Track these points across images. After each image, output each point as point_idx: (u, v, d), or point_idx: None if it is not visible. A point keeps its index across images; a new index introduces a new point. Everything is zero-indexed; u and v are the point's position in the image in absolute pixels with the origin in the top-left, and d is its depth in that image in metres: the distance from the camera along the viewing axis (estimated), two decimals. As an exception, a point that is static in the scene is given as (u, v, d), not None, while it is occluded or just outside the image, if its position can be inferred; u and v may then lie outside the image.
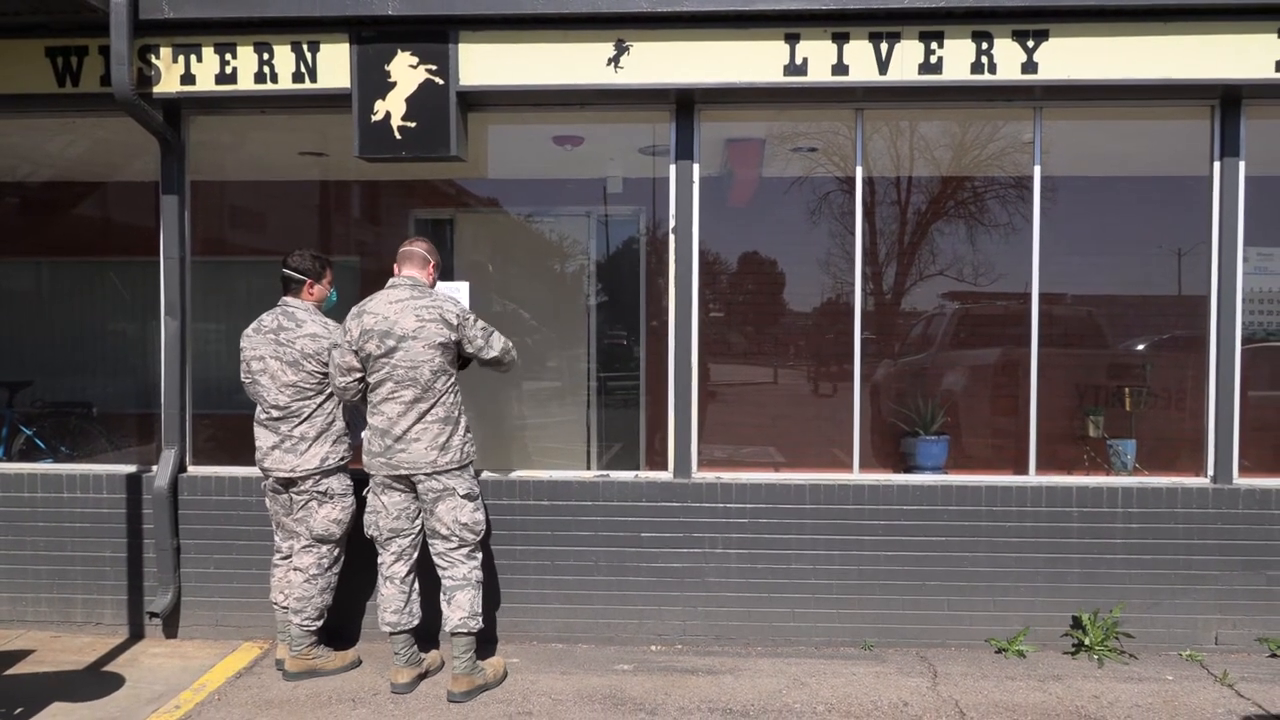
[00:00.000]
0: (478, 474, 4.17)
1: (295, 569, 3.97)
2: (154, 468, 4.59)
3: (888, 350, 5.36)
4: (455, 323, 3.75)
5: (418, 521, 3.86)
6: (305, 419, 3.88)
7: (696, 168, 4.41)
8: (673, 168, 4.42)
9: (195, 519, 4.53)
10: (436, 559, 3.84)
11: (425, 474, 3.71)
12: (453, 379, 3.79)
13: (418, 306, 3.74)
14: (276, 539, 4.10)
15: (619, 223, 5.66)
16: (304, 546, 3.97)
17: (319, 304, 4.02)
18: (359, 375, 3.77)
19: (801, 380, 5.33)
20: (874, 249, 5.30)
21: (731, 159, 5.14)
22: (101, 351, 5.92)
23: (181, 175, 4.55)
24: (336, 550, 4.01)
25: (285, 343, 3.87)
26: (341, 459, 3.96)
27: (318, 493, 3.93)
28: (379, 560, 3.91)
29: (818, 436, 5.01)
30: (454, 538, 3.80)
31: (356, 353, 3.75)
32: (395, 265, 3.90)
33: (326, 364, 3.86)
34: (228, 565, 4.51)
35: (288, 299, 3.97)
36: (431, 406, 3.70)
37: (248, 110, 4.54)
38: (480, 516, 3.84)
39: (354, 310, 3.81)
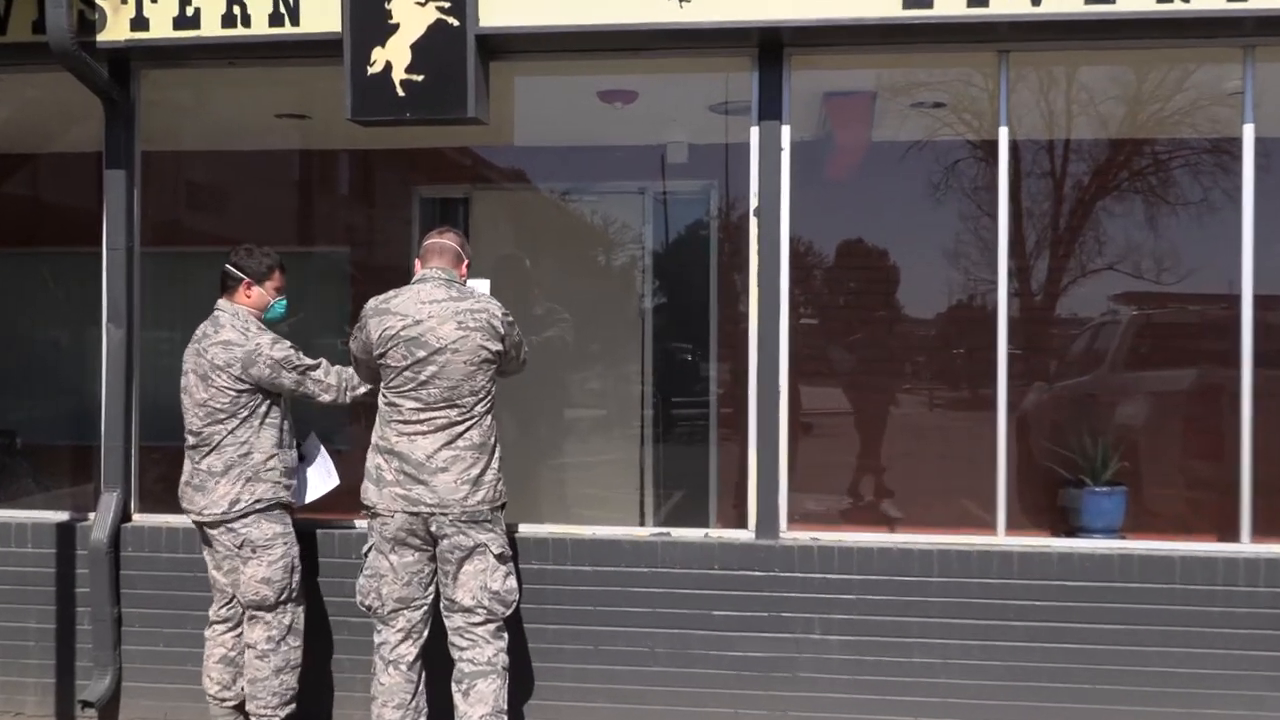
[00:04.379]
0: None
1: (247, 644, 4.05)
2: (91, 515, 4.63)
3: (1040, 370, 5.24)
4: (503, 331, 3.77)
5: (432, 588, 3.85)
6: (213, 449, 3.96)
7: (786, 130, 4.35)
8: (755, 130, 4.37)
9: (141, 582, 4.55)
10: (454, 636, 3.81)
11: (453, 519, 3.69)
12: (492, 400, 3.81)
13: (459, 310, 3.73)
14: (214, 604, 4.16)
15: (683, 202, 5.63)
16: (248, 616, 4.05)
17: (258, 312, 4.11)
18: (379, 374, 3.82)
19: (923, 409, 5.26)
20: (1019, 235, 5.22)
21: (832, 118, 5.09)
22: (27, 366, 6.02)
23: (130, 145, 4.59)
24: (286, 617, 4.05)
25: (200, 353, 4.00)
26: (259, 501, 3.99)
27: (235, 547, 3.99)
28: (378, 639, 3.88)
29: (947, 484, 4.92)
30: (480, 610, 3.77)
31: (376, 356, 3.78)
32: (417, 262, 3.92)
33: (240, 378, 3.95)
34: (180, 642, 4.52)
35: (221, 301, 4.11)
36: (466, 430, 3.72)
37: (213, 62, 4.59)
38: (513, 584, 3.83)
39: (372, 305, 3.82)
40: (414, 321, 3.71)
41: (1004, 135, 4.43)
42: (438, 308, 3.72)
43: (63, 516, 4.70)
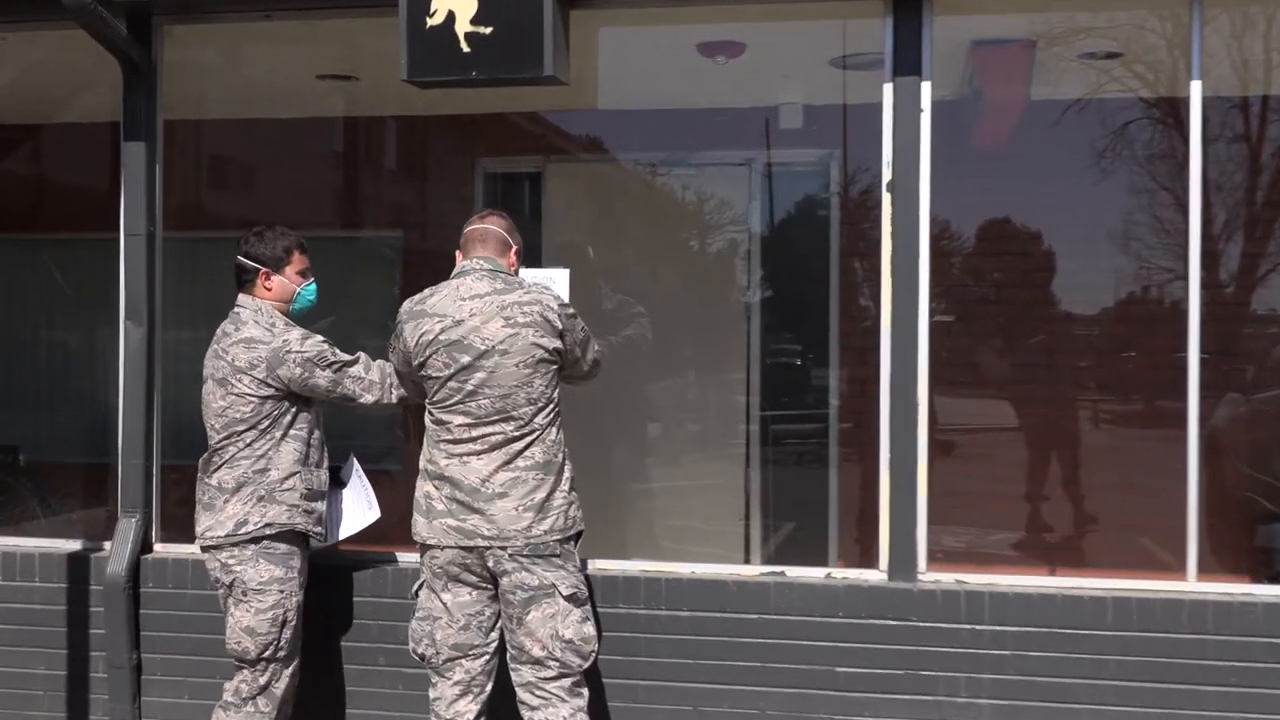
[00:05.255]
0: (582, 562, 4.14)
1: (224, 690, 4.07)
2: (106, 545, 4.69)
3: (1234, 378, 5.15)
4: (561, 325, 3.74)
5: (495, 634, 3.84)
6: (227, 461, 3.98)
7: (926, 87, 4.28)
8: (888, 88, 4.31)
9: (163, 622, 4.59)
10: (523, 692, 3.79)
11: (514, 554, 3.68)
12: (556, 409, 3.79)
13: (506, 304, 3.72)
14: None
15: (797, 175, 5.61)
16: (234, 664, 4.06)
17: (283, 304, 4.14)
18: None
19: (1089, 425, 5.20)
20: (1208, 213, 5.12)
21: (980, 73, 5.05)
22: (31, 372, 6.15)
23: (151, 113, 4.65)
24: (264, 676, 4.02)
25: (220, 354, 4.02)
26: (269, 526, 3.97)
27: (226, 585, 4.00)
28: (433, 694, 3.88)
29: (1121, 517, 4.86)
30: (552, 662, 3.74)
31: (416, 368, 3.80)
32: (458, 253, 3.93)
33: (266, 381, 3.96)
34: (207, 693, 4.48)
35: (240, 297, 4.13)
36: (527, 446, 3.71)
37: (246, 15, 4.64)
38: (591, 630, 3.80)
39: (407, 308, 3.84)
40: (454, 322, 3.69)
41: (1196, 91, 4.31)
42: (480, 303, 3.70)
43: (74, 546, 4.77)
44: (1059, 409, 5.25)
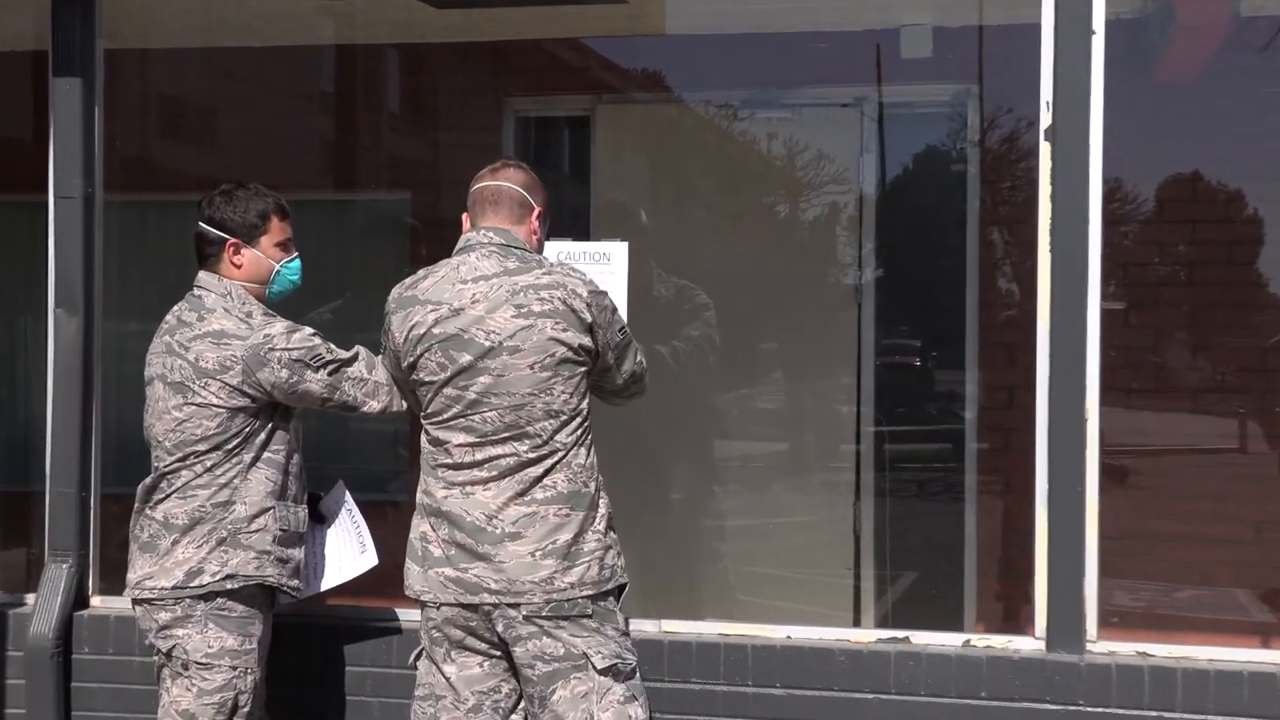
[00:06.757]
0: (627, 624, 4.11)
1: None
2: (29, 598, 4.74)
3: None
4: (591, 317, 3.73)
5: (516, 716, 3.85)
6: (179, 490, 3.97)
7: (1100, 4, 4.26)
8: (1048, 4, 4.29)
9: (102, 698, 4.62)
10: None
11: (531, 614, 3.68)
12: (585, 424, 3.80)
13: (519, 287, 3.73)
14: None
15: (921, 119, 5.62)
16: None
17: (258, 285, 4.14)
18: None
19: None
20: None
21: None
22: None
23: (89, 41, 4.67)
24: None
25: (175, 349, 4.00)
26: (231, 579, 3.95)
27: (163, 653, 3.98)
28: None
29: None
30: (589, 759, 3.78)
31: (407, 371, 3.82)
32: (465, 215, 3.92)
33: (240, 388, 3.96)
34: (159, 789, 4.61)
35: (201, 276, 4.13)
36: (546, 473, 3.71)
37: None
38: (639, 713, 3.77)
39: (395, 294, 3.86)
40: (452, 310, 3.70)
41: None
42: (486, 287, 3.70)
43: (-13, 599, 4.83)
44: (1271, 425, 5.21)
